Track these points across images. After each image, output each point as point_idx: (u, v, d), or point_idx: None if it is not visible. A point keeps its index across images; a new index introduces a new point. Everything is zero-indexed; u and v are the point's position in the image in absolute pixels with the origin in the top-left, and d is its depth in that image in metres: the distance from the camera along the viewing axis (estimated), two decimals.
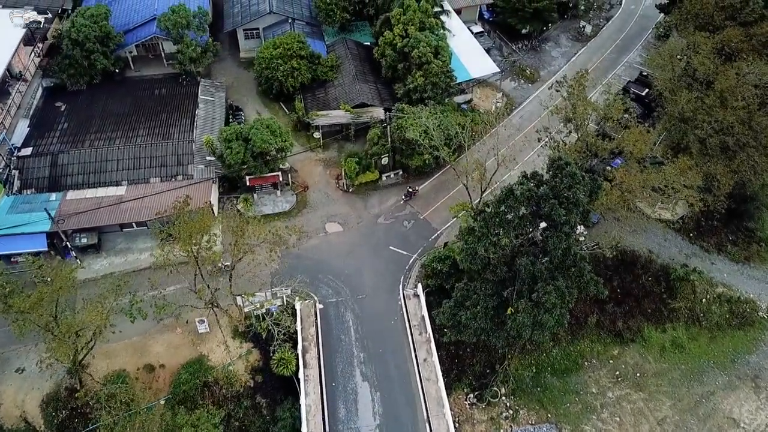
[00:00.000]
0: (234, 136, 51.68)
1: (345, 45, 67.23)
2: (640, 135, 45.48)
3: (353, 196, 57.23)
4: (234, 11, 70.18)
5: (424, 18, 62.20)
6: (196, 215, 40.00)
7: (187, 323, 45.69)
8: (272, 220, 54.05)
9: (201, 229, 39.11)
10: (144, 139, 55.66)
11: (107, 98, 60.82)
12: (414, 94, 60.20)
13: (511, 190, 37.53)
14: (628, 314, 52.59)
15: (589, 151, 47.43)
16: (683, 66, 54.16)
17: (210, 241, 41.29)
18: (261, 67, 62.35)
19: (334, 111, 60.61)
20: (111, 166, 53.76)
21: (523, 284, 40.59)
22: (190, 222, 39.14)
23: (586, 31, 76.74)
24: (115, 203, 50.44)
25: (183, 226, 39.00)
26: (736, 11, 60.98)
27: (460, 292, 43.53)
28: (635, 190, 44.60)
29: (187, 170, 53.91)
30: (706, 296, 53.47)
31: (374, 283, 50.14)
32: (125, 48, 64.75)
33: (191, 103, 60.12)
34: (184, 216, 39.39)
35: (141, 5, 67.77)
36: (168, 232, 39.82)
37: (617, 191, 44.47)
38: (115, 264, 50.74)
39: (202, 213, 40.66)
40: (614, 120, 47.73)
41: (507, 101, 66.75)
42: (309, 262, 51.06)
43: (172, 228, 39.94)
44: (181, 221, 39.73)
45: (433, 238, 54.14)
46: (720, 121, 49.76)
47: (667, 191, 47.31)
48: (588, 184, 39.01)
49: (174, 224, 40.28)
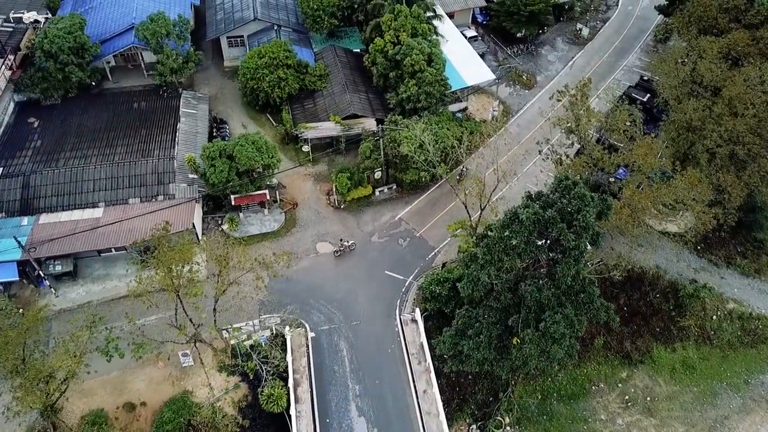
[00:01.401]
0: (218, 153, 48.65)
1: (334, 52, 64.31)
2: (648, 148, 42.84)
3: (345, 212, 54.35)
4: (217, 18, 67.07)
5: (416, 24, 59.40)
6: (177, 245, 36.83)
7: (169, 359, 42.59)
8: (259, 241, 51.22)
9: (182, 260, 36.05)
10: (122, 157, 52.48)
11: (83, 113, 57.61)
12: (407, 104, 57.45)
13: (516, 214, 34.79)
14: (636, 334, 50.17)
15: (595, 166, 44.78)
16: (689, 72, 51.63)
17: (192, 270, 38.23)
18: (246, 77, 59.29)
19: (323, 123, 57.69)
20: (87, 186, 50.53)
21: (529, 312, 37.92)
22: (170, 253, 36.05)
23: (582, 34, 74.21)
24: (91, 227, 47.22)
25: (162, 257, 35.95)
26: (740, 13, 58.68)
27: (462, 319, 40.80)
28: (646, 208, 42.01)
29: (169, 189, 50.79)
30: (716, 313, 51.12)
31: (369, 307, 47.30)
32: (102, 58, 61.56)
33: (172, 117, 56.98)
34: (163, 247, 36.28)
35: (118, 13, 64.52)
36: (145, 265, 36.72)
37: (627, 210, 41.83)
38: (93, 292, 47.60)
39: (183, 242, 37.46)
40: (620, 131, 45.04)
41: (503, 109, 64.04)
42: (299, 285, 48.14)
43: (150, 259, 36.89)
44: (159, 252, 36.69)
45: (430, 257, 51.34)
46: (730, 130, 47.30)
47: (677, 207, 44.77)
48: (597, 204, 36.36)
49: (152, 254, 37.32)
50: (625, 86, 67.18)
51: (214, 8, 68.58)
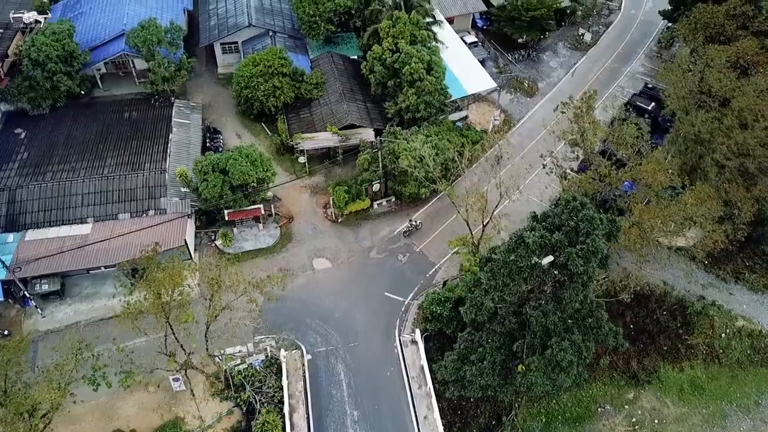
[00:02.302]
0: (210, 167, 46.93)
1: (330, 59, 62.56)
2: (657, 164, 41.22)
3: (343, 226, 52.71)
4: (210, 24, 65.28)
5: (415, 30, 57.77)
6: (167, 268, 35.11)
7: (159, 386, 40.91)
8: (254, 258, 49.60)
9: (171, 285, 34.36)
10: (112, 170, 50.72)
11: (72, 123, 55.79)
12: (406, 114, 55.87)
13: (522, 237, 33.19)
14: (643, 353, 48.57)
15: (601, 182, 43.17)
16: (697, 82, 50.07)
17: (183, 293, 36.53)
18: (240, 86, 57.56)
19: (320, 133, 55.98)
20: (75, 201, 48.81)
21: (534, 337, 36.40)
22: (159, 276, 34.36)
23: (585, 39, 72.59)
24: (79, 245, 45.49)
25: (150, 282, 34.27)
26: (748, 20, 57.32)
27: (464, 343, 39.30)
28: (656, 228, 40.46)
29: (160, 204, 49.09)
30: (725, 330, 49.58)
31: (367, 327, 45.68)
32: (92, 66, 59.76)
33: (164, 127, 55.21)
34: (152, 270, 34.59)
35: (109, 19, 62.62)
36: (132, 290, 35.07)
37: (636, 229, 40.26)
38: (81, 312, 45.92)
39: (173, 265, 35.70)
40: (627, 145, 43.39)
41: (505, 118, 62.40)
42: (295, 304, 46.51)
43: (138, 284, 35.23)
44: (148, 275, 35.03)
45: (430, 273, 49.72)
46: (740, 144, 45.75)
47: (686, 224, 43.24)
48: (606, 226, 34.79)
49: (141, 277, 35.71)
50: (629, 94, 65.65)
51: (207, 14, 66.76)
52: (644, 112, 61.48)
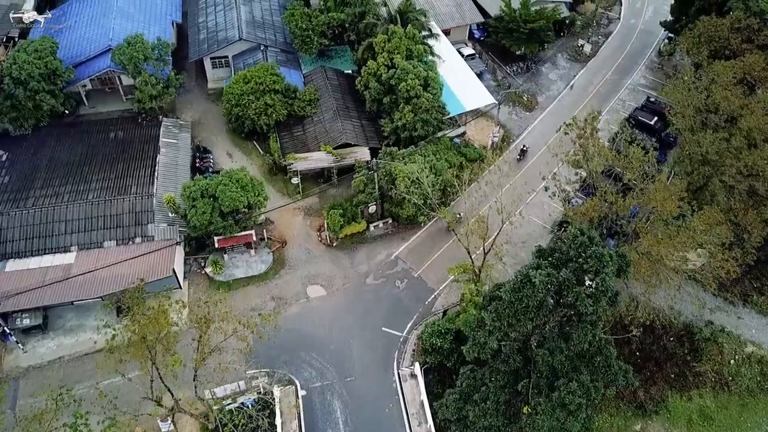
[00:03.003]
0: (199, 193, 44.92)
1: (324, 74, 60.60)
2: (666, 191, 39.48)
3: (338, 250, 50.81)
4: (199, 38, 63.17)
5: (411, 45, 55.96)
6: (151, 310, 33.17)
7: (145, 431, 38.92)
8: (245, 286, 47.69)
9: (157, 330, 32.42)
10: (97, 195, 48.64)
11: (56, 144, 53.69)
12: (403, 132, 54.08)
13: (528, 276, 31.41)
14: (650, 381, 46.98)
15: (609, 210, 41.41)
16: (704, 100, 48.43)
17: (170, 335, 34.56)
18: (230, 104, 55.56)
19: (313, 153, 54.05)
20: (59, 228, 46.72)
21: (541, 377, 34.70)
22: (144, 321, 32.42)
23: (584, 51, 70.90)
24: (62, 277, 43.41)
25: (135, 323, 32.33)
26: (753, 33, 55.74)
27: (466, 381, 37.52)
28: (666, 257, 38.77)
29: (147, 231, 47.08)
30: (734, 357, 48.04)
31: (364, 360, 43.81)
32: (78, 83, 57.62)
33: (152, 148, 53.14)
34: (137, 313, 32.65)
35: (94, 34, 60.40)
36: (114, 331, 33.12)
37: (646, 261, 38.53)
38: (65, 346, 43.86)
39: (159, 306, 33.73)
40: (634, 170, 41.64)
41: (504, 134, 60.61)
42: (289, 335, 44.50)
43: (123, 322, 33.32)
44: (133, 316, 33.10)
45: (429, 300, 47.91)
46: (750, 166, 44.17)
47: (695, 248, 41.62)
48: (616, 262, 33.05)
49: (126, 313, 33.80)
50: (631, 107, 64.04)
51: (197, 27, 64.67)
52: (647, 127, 60.07)
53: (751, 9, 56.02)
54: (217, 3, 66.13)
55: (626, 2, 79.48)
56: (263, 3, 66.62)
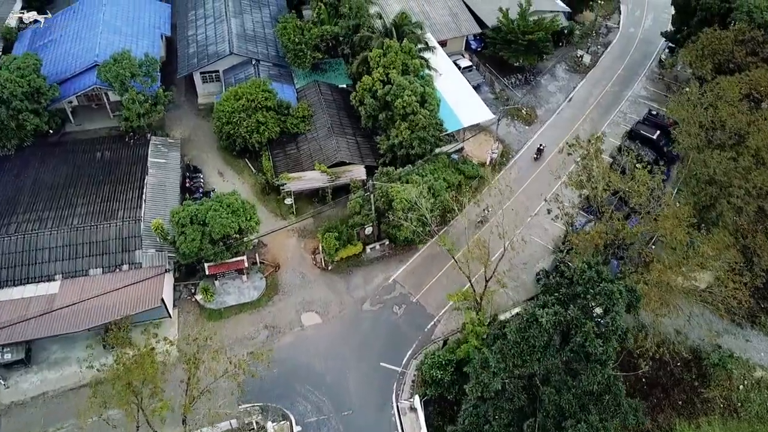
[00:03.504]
0: (188, 219, 43.14)
1: (318, 89, 58.90)
2: (676, 220, 37.91)
3: (333, 274, 49.10)
4: (189, 52, 61.37)
5: (407, 59, 54.29)
6: (136, 356, 31.42)
7: None
8: (237, 313, 45.93)
9: (143, 376, 30.67)
10: (82, 220, 46.83)
11: (40, 166, 51.86)
12: (399, 150, 52.42)
13: (535, 316, 29.84)
14: (657, 408, 45.42)
15: (615, 237, 39.85)
16: (709, 117, 46.99)
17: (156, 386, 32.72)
18: (221, 122, 53.80)
19: (307, 172, 52.34)
20: (42, 256, 44.87)
21: (547, 416, 33.05)
22: (130, 365, 30.68)
23: (584, 61, 69.40)
24: (46, 309, 41.55)
25: (120, 369, 30.58)
26: (757, 45, 54.40)
27: (468, 418, 35.88)
28: (676, 289, 37.28)
29: (135, 257, 45.26)
30: (743, 382, 46.56)
31: (362, 393, 42.11)
32: (63, 100, 55.74)
33: (140, 169, 51.34)
34: (121, 358, 30.89)
35: (79, 49, 58.56)
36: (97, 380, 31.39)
37: (655, 291, 36.96)
38: (49, 381, 41.98)
39: (145, 352, 31.98)
40: (640, 194, 40.06)
41: (503, 149, 59.01)
42: (283, 367, 42.78)
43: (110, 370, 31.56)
44: (117, 361, 31.35)
45: (429, 327, 46.20)
46: (759, 186, 42.74)
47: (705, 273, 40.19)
48: (626, 297, 31.49)
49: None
50: (632, 120, 62.55)
51: (186, 40, 62.89)
52: (649, 141, 58.55)
53: (755, 20, 54.71)
54: (207, 15, 64.38)
55: (625, 11, 78.16)
56: (254, 15, 64.89)
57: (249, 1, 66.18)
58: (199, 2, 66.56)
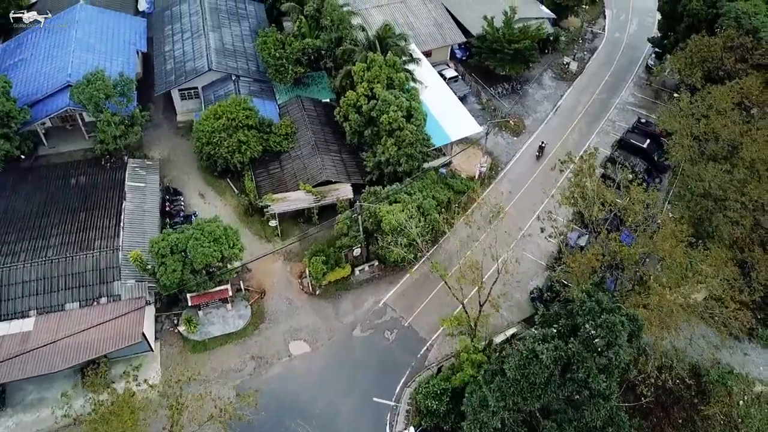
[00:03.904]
0: (168, 249, 41.27)
1: (301, 105, 57.18)
2: (674, 239, 36.81)
3: (321, 299, 47.48)
4: (166, 69, 59.33)
5: (392, 73, 52.70)
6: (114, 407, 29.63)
7: None
8: (222, 345, 44.16)
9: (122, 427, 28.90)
10: (57, 251, 44.71)
11: (11, 194, 49.55)
12: (386, 167, 50.91)
13: (535, 352, 28.48)
14: (657, 428, 44.38)
15: (612, 258, 38.70)
16: (702, 127, 46.04)
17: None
18: (201, 142, 51.91)
19: (292, 193, 50.65)
20: (15, 291, 42.72)
21: None
22: (107, 415, 28.89)
23: (570, 68, 68.39)
24: (20, 350, 39.43)
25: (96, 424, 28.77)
26: (747, 52, 53.54)
27: None
28: (676, 313, 36.17)
29: (113, 289, 43.29)
30: (743, 398, 45.65)
31: (355, 425, 40.55)
32: (35, 122, 53.52)
33: (117, 195, 49.28)
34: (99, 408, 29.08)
35: (52, 68, 56.24)
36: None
37: (656, 315, 35.81)
38: (24, 424, 39.90)
39: (122, 404, 30.18)
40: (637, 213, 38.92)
41: (491, 162, 57.72)
42: (272, 400, 41.11)
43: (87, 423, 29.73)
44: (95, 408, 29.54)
45: (422, 352, 44.78)
46: (755, 200, 41.84)
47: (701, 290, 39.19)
48: (628, 328, 30.25)
49: None
50: (621, 128, 61.62)
51: (163, 56, 60.83)
52: (639, 151, 57.58)
53: (743, 26, 53.85)
54: (185, 30, 62.41)
55: (610, 15, 77.34)
56: (233, 29, 63.03)
57: (228, 15, 64.28)
58: (176, 16, 64.56)
